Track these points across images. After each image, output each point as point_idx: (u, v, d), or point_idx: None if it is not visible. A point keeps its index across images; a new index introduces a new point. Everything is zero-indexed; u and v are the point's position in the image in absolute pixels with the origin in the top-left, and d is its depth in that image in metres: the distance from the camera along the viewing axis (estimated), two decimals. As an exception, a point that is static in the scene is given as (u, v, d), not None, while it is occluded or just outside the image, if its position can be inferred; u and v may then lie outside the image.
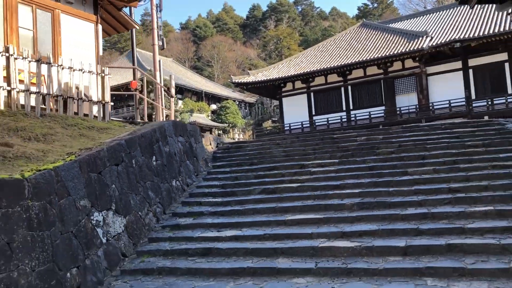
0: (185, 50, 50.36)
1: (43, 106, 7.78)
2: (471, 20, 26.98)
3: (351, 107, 29.30)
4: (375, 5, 59.35)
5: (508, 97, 24.28)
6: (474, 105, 25.19)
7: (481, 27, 24.75)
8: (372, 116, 27.50)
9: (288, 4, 61.77)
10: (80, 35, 9.39)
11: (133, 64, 11.61)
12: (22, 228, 4.60)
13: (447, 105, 25.15)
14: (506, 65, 24.89)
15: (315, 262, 5.05)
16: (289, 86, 31.19)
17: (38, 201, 4.87)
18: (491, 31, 23.43)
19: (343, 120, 28.79)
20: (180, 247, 6.05)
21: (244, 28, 60.07)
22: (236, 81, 30.69)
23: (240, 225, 6.49)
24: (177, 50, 50.45)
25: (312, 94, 30.63)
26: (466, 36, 24.46)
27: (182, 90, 41.87)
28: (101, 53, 9.82)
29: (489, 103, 25.02)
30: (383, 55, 26.72)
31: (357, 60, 27.66)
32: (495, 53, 24.82)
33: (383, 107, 27.90)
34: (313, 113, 30.44)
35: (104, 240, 5.79)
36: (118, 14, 10.34)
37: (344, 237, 5.53)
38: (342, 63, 28.21)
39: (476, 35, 24.16)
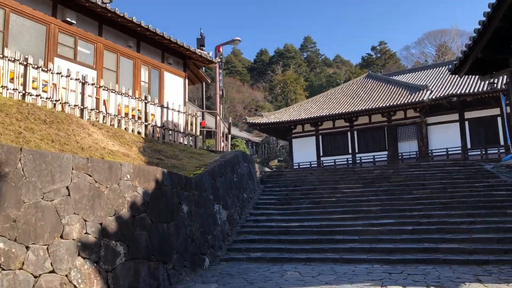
0: (196, 90, 54.87)
1: (158, 135, 11.77)
2: (468, 77, 31.49)
3: (357, 151, 33.28)
4: (378, 55, 65.19)
5: (500, 148, 28.40)
6: (469, 153, 29.20)
7: (476, 84, 29.05)
8: (376, 159, 31.41)
9: (295, 51, 67.55)
10: (174, 86, 13.57)
11: (202, 108, 15.70)
12: (192, 205, 8.47)
13: (445, 153, 29.11)
14: (499, 119, 29.09)
15: (359, 236, 8.93)
16: (299, 128, 35.28)
17: (197, 191, 8.76)
18: (484, 88, 27.76)
19: (349, 162, 32.69)
20: (264, 230, 9.89)
21: (251, 71, 65.26)
22: (251, 121, 34.77)
23: (300, 221, 10.35)
24: (189, 89, 54.76)
25: (320, 136, 34.69)
26: (463, 91, 28.72)
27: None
28: (187, 99, 13.97)
29: (483, 152, 28.98)
30: (387, 104, 31.04)
31: (362, 108, 31.94)
32: (489, 107, 28.66)
33: (386, 152, 31.91)
34: (321, 154, 34.40)
35: (219, 222, 9.62)
36: (197, 72, 14.58)
37: (373, 226, 9.43)
38: (349, 110, 32.45)
39: (471, 91, 28.37)
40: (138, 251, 6.60)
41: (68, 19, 10.60)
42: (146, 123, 11.31)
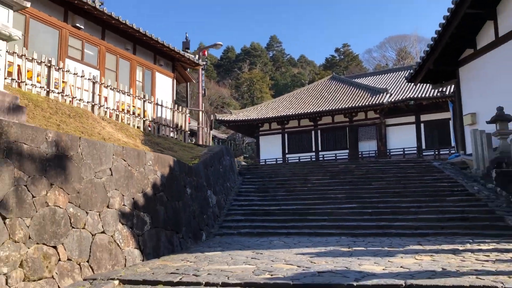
0: (180, 89, 56.06)
1: (149, 129, 13.53)
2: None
3: (320, 149, 35.84)
4: (342, 57, 68.44)
5: (451, 149, 31.51)
6: (424, 153, 32.20)
7: (431, 89, 32.03)
8: (338, 157, 34.00)
9: (261, 50, 69.86)
10: (164, 85, 15.36)
11: (187, 106, 17.46)
12: (193, 189, 10.37)
13: (402, 152, 32.03)
14: (450, 122, 32.31)
15: (328, 217, 11.09)
16: (266, 126, 37.48)
17: (195, 177, 10.67)
18: (439, 93, 30.78)
19: (313, 159, 35.13)
20: (248, 212, 11.91)
21: (217, 67, 66.97)
22: (220, 118, 36.65)
23: (278, 205, 12.43)
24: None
25: (286, 134, 37.00)
26: (419, 95, 31.68)
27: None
28: (174, 97, 15.77)
29: (436, 152, 32.04)
30: (349, 106, 33.72)
31: (326, 109, 34.48)
32: (442, 111, 31.69)
33: (347, 151, 34.59)
34: (286, 151, 36.75)
35: (211, 205, 11.56)
36: (183, 72, 16.42)
37: (340, 207, 11.62)
38: (314, 110, 34.94)
39: (427, 95, 31.38)
40: (158, 221, 8.47)
41: (77, 25, 12.24)
42: (144, 119, 13.09)
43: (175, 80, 15.70)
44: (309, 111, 35.28)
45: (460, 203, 11.38)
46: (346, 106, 34.03)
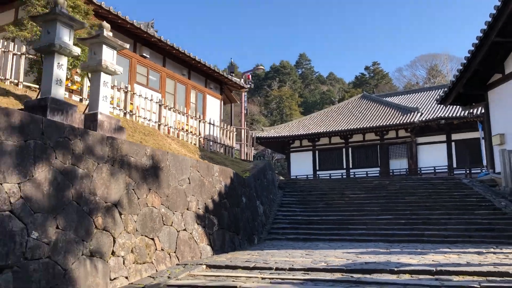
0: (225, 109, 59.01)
1: (203, 145, 15.41)
2: (454, 102, 35.70)
3: (351, 166, 37.16)
4: (372, 75, 69.92)
5: (482, 168, 32.43)
6: (455, 172, 33.11)
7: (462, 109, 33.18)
8: (368, 175, 35.27)
9: (290, 67, 72.00)
10: (213, 106, 17.28)
11: (231, 125, 19.37)
12: (246, 198, 12.12)
13: (433, 171, 33.08)
14: (481, 141, 33.28)
15: (366, 226, 12.65)
16: (297, 143, 39.10)
17: (248, 188, 12.42)
18: (469, 114, 31.85)
19: (344, 176, 36.48)
20: (293, 221, 13.57)
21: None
22: (254, 135, 38.43)
23: (319, 216, 14.05)
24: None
25: (317, 152, 38.50)
26: (450, 115, 32.78)
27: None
28: (222, 117, 17.67)
29: (467, 171, 32.97)
30: (380, 124, 35.06)
31: (357, 127, 35.89)
32: (473, 131, 32.64)
33: (378, 168, 35.82)
34: (317, 168, 38.19)
35: (260, 213, 13.27)
36: (229, 94, 18.36)
37: (377, 218, 13.17)
38: (345, 128, 36.39)
39: (458, 115, 32.49)
40: (223, 224, 10.24)
41: (144, 54, 14.28)
42: (200, 137, 14.99)
43: (222, 102, 17.69)
44: (340, 129, 36.68)
45: (488, 216, 12.81)
46: (377, 125, 35.30)
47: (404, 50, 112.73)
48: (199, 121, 15.00)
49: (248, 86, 20.26)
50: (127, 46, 9.22)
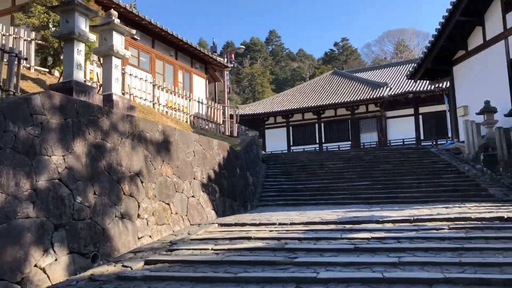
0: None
1: (193, 122, 16.57)
2: (421, 77, 37.67)
3: (323, 141, 38.85)
4: (341, 51, 71.70)
5: (448, 139, 34.67)
6: (422, 143, 35.29)
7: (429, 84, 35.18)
8: (340, 149, 37.03)
9: (261, 44, 73.00)
10: (199, 85, 18.38)
11: (215, 102, 20.51)
12: (239, 169, 13.44)
13: (401, 143, 35.11)
14: (447, 113, 35.46)
15: (348, 192, 14.21)
16: (271, 120, 40.48)
17: (240, 160, 13.73)
18: (435, 88, 33.88)
19: (317, 151, 38.19)
20: (280, 189, 15.00)
21: (218, 62, 69.94)
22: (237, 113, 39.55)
23: (304, 184, 15.53)
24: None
25: (291, 128, 40.00)
26: (418, 89, 34.72)
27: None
28: (207, 94, 18.80)
29: (434, 143, 35.12)
30: (350, 100, 36.75)
31: (329, 103, 37.51)
32: (439, 104, 34.79)
33: (349, 142, 37.63)
34: (291, 144, 39.77)
35: (250, 183, 14.63)
36: (213, 73, 19.47)
37: (356, 184, 14.75)
38: (317, 104, 37.94)
39: (425, 89, 34.45)
40: (223, 191, 11.55)
41: (135, 37, 15.21)
42: (190, 115, 16.13)
43: (207, 81, 18.79)
44: (312, 105, 38.19)
45: (453, 179, 14.57)
46: (348, 100, 36.94)
47: (372, 25, 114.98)
48: (189, 99, 16.10)
49: (231, 65, 21.41)
50: (134, 31, 10.26)
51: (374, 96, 35.81)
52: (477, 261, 5.73)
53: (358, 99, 36.49)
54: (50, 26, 11.03)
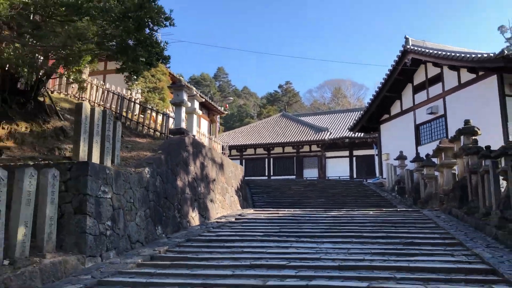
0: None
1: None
2: (356, 125, 48.36)
3: (272, 174, 48.21)
4: (284, 93, 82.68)
5: (375, 178, 45.18)
6: (354, 180, 45.52)
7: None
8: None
9: (210, 80, 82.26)
10: (204, 125, 27.19)
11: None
12: (244, 184, 22.43)
13: (338, 179, 45.14)
14: (376, 157, 46.12)
15: (310, 204, 23.61)
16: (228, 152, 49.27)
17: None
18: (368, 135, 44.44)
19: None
20: (265, 201, 24.22)
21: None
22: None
23: (279, 199, 24.72)
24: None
25: (244, 160, 49.04)
26: (353, 135, 45.17)
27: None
28: (209, 130, 27.65)
29: (365, 181, 45.44)
30: (296, 140, 46.58)
31: (277, 141, 47.17)
32: (370, 148, 45.31)
33: (294, 176, 47.23)
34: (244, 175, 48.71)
35: (248, 196, 23.64)
36: (213, 118, 28.44)
37: (316, 201, 24.20)
38: (267, 142, 47.44)
39: (359, 135, 44.95)
40: (243, 196, 20.50)
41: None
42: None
43: (208, 122, 27.48)
44: (264, 142, 47.61)
45: (376, 200, 24.48)
46: (294, 140, 46.66)
47: (314, 73, 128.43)
48: (209, 138, 24.83)
49: (226, 112, 30.14)
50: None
51: (317, 139, 45.70)
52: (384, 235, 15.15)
53: (303, 140, 46.25)
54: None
